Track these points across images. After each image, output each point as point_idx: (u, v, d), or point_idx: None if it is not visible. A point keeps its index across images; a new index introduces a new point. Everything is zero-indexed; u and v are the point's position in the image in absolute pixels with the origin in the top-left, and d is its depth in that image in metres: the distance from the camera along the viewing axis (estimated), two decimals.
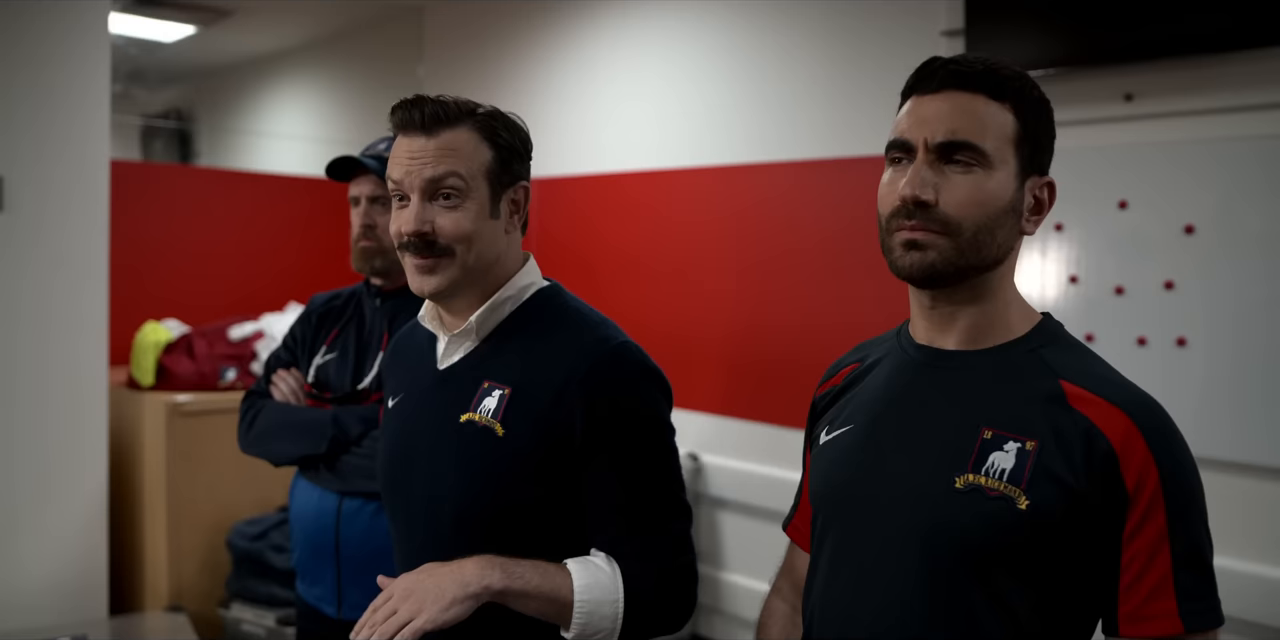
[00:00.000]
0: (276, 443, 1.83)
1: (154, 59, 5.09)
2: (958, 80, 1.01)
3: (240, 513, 3.19)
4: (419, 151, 1.22)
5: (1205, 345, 2.42)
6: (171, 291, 3.69)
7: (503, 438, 1.21)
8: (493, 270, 1.27)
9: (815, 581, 1.12)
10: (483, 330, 1.28)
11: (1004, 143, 1.01)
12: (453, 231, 1.21)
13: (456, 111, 1.23)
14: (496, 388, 1.23)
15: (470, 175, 1.22)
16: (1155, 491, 0.93)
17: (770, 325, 3.34)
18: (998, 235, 1.01)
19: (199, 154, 6.02)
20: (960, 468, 0.99)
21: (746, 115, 3.43)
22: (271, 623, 2.91)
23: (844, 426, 1.12)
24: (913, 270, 1.01)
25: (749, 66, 3.42)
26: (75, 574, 2.86)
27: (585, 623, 1.15)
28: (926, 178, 1.00)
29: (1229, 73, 2.38)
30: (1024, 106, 1.03)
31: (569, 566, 1.18)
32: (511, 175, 1.27)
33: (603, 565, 1.19)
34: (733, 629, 3.46)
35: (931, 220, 0.99)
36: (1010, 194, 1.02)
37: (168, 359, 3.16)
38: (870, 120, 3.04)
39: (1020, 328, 1.06)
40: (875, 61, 3.05)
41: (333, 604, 1.80)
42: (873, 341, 1.21)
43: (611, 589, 1.17)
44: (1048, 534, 0.96)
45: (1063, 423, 0.97)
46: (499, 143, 1.25)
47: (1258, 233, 2.35)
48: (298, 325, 1.96)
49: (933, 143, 1.00)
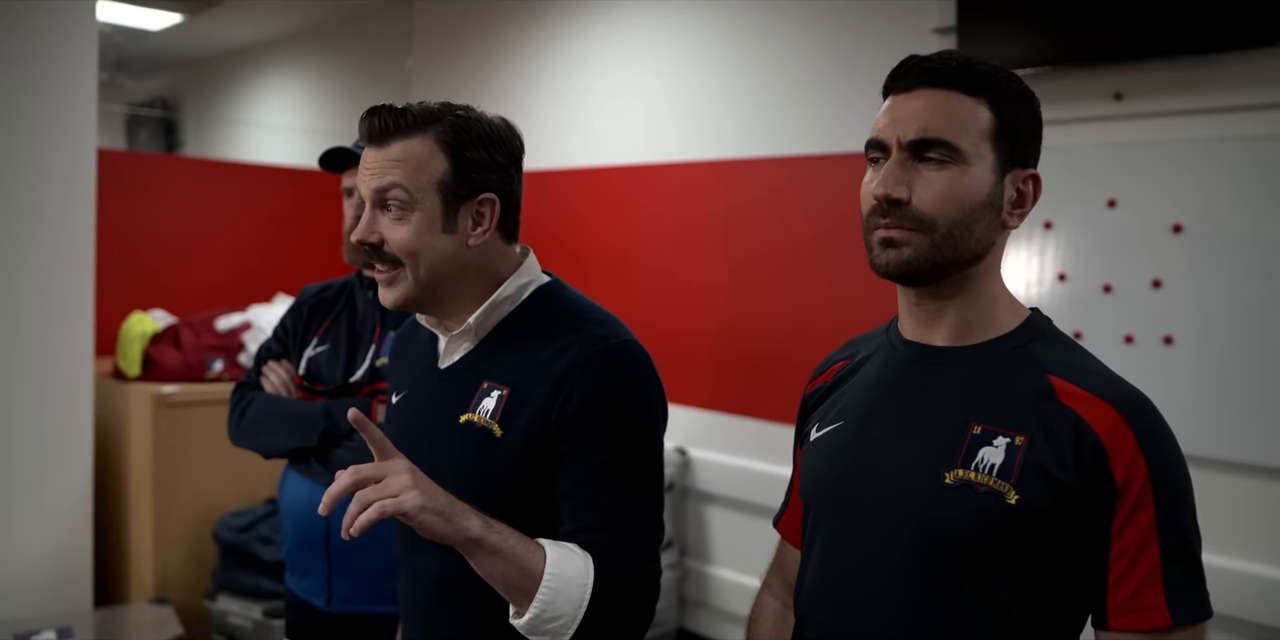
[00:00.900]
0: (267, 435, 1.82)
1: (140, 47, 5.05)
2: (931, 78, 1.03)
3: (226, 505, 3.18)
4: (369, 162, 1.20)
5: (1193, 343, 2.44)
6: (158, 282, 3.67)
7: (500, 439, 1.19)
8: (472, 282, 1.24)
9: (806, 577, 1.12)
10: (481, 331, 1.26)
11: (979, 138, 1.02)
12: (396, 243, 1.19)
13: (411, 121, 1.19)
14: (495, 388, 1.22)
15: (416, 187, 1.18)
16: (1144, 485, 0.94)
17: (760, 320, 3.35)
18: (975, 230, 1.02)
19: (184, 143, 5.99)
20: (950, 463, 1.00)
21: (737, 110, 3.43)
22: (258, 615, 2.90)
23: (834, 423, 1.12)
24: (889, 268, 1.03)
25: (740, 61, 3.42)
26: (60, 565, 2.84)
27: (549, 601, 1.09)
28: (899, 176, 1.01)
29: (1218, 73, 2.39)
30: (1001, 101, 1.03)
31: (543, 542, 1.13)
32: (472, 186, 1.21)
33: (577, 550, 1.15)
34: (719, 623, 3.47)
35: (905, 218, 1.01)
36: (987, 189, 1.02)
37: (154, 350, 3.14)
38: (861, 116, 3.02)
39: (1009, 323, 1.07)
40: (867, 58, 3.05)
41: (323, 597, 1.80)
42: (862, 338, 1.22)
43: (583, 572, 1.11)
44: (1037, 528, 0.96)
45: (1052, 418, 0.98)
46: (459, 154, 1.20)
47: (1245, 232, 2.37)
48: (288, 317, 1.95)
49: (905, 141, 1.02)
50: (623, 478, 1.19)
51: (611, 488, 1.18)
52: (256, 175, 4.08)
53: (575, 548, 1.15)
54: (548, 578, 1.09)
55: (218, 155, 5.44)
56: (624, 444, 1.19)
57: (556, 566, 1.10)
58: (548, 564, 1.10)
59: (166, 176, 3.81)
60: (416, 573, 1.33)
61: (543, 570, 1.09)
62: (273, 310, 3.41)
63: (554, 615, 1.10)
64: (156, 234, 3.69)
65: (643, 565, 1.18)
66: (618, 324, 1.26)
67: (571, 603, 1.10)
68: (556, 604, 1.09)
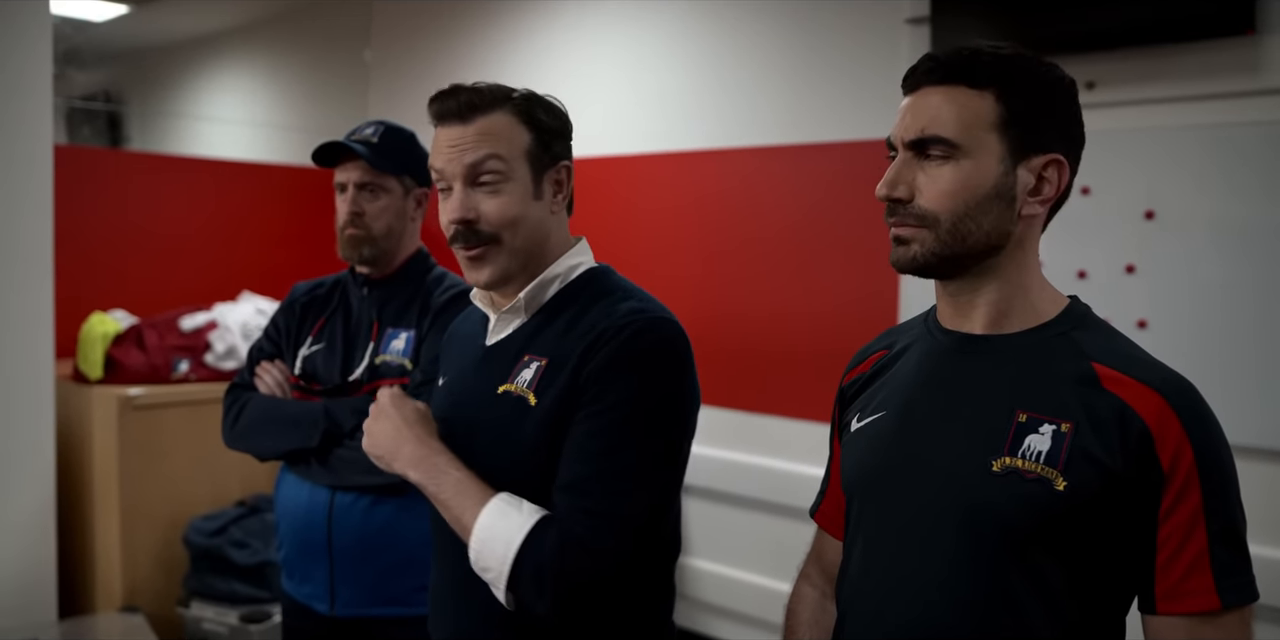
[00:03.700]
0: (265, 437, 1.77)
1: (84, 39, 4.89)
2: (933, 76, 1.05)
3: (196, 508, 3.11)
4: (457, 139, 1.23)
5: (1165, 327, 2.49)
6: (116, 281, 3.55)
7: (534, 406, 1.20)
8: (541, 251, 1.27)
9: (851, 566, 1.12)
10: (530, 307, 1.27)
11: (982, 130, 1.03)
12: (497, 217, 1.22)
13: (491, 97, 1.24)
14: (535, 360, 1.23)
15: (510, 157, 1.23)
16: (1190, 470, 0.95)
17: (732, 311, 3.35)
18: (983, 222, 1.03)
19: (129, 138, 5.82)
20: (997, 451, 1.00)
21: (707, 101, 3.42)
22: (234, 621, 2.84)
23: (876, 413, 1.12)
24: (900, 264, 1.07)
25: (710, 52, 3.41)
26: (22, 575, 2.75)
27: (477, 551, 1.15)
28: (902, 176, 1.05)
29: (1190, 62, 2.44)
30: (1010, 90, 1.04)
31: (491, 501, 1.16)
32: (552, 155, 1.27)
33: (524, 510, 1.15)
34: (697, 614, 3.47)
35: (909, 215, 1.05)
36: (993, 180, 1.03)
37: (117, 351, 3.05)
38: (832, 107, 3.06)
39: (1048, 311, 1.08)
40: (838, 49, 3.06)
41: (325, 601, 1.75)
42: (900, 327, 1.22)
43: (516, 529, 1.13)
44: (1084, 514, 0.97)
45: (1097, 404, 0.99)
46: (537, 124, 1.26)
47: (1216, 218, 2.42)
48: (280, 315, 1.90)
49: (906, 141, 1.05)
50: (620, 444, 1.15)
51: (605, 450, 1.15)
52: (214, 170, 3.97)
53: (525, 506, 1.16)
54: (476, 529, 1.15)
55: (166, 150, 5.29)
56: (634, 412, 1.15)
57: (487, 518, 1.15)
58: (480, 516, 1.15)
59: (121, 172, 3.69)
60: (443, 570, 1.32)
61: (475, 522, 1.16)
62: (239, 309, 3.33)
63: (484, 566, 1.15)
64: (113, 232, 3.57)
65: (598, 539, 1.12)
66: (660, 304, 1.27)
67: (495, 557, 1.14)
68: (484, 555, 1.15)
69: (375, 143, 1.78)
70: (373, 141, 1.78)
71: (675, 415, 1.20)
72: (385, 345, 1.77)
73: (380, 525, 1.72)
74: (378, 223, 1.78)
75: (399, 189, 1.82)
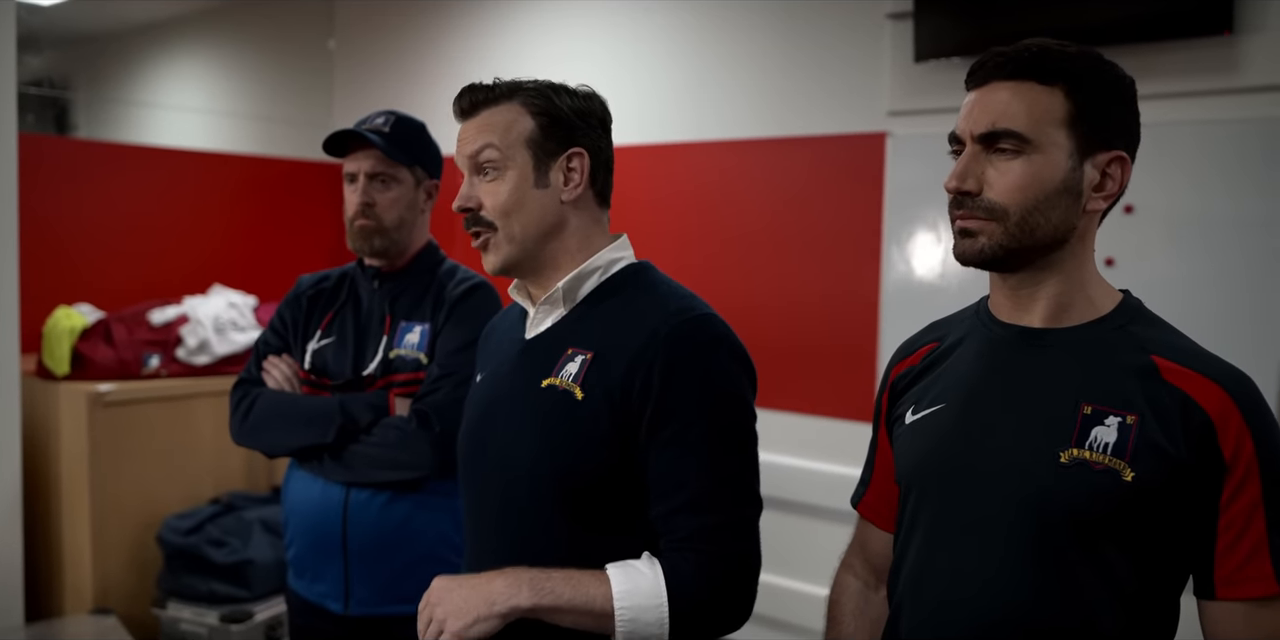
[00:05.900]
0: (278, 432, 1.72)
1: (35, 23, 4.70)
2: (1003, 71, 1.06)
3: (169, 507, 3.04)
4: (463, 133, 1.27)
5: None
6: (81, 274, 3.43)
7: (581, 401, 1.19)
8: (556, 239, 1.27)
9: (909, 555, 1.13)
10: (569, 298, 1.27)
11: (1052, 125, 1.04)
12: (491, 203, 1.24)
13: (498, 91, 1.27)
14: (579, 353, 1.22)
15: (506, 145, 1.24)
16: (1250, 459, 0.98)
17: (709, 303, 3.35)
18: (1051, 216, 1.05)
19: (76, 126, 5.62)
20: (1064, 443, 1.02)
21: (684, 94, 3.42)
22: (214, 621, 2.78)
23: (934, 405, 1.13)
24: (966, 256, 1.08)
25: (690, 45, 3.40)
26: None
27: (630, 631, 1.12)
28: (971, 169, 1.06)
29: (1170, 60, 2.50)
30: (1079, 86, 1.05)
31: (608, 572, 1.15)
32: (560, 141, 1.26)
33: (644, 569, 1.15)
34: None
35: (977, 208, 1.06)
36: (1062, 175, 1.05)
37: (84, 346, 2.96)
38: (813, 100, 3.07)
39: (1105, 305, 1.10)
40: (819, 43, 3.07)
41: (339, 600, 1.72)
42: (947, 320, 1.23)
43: (654, 594, 1.12)
44: (1150, 503, 1.00)
45: (1159, 396, 1.01)
46: (546, 111, 1.26)
47: (1195, 212, 2.49)
48: (286, 309, 1.85)
49: (975, 134, 1.06)
50: (712, 453, 1.18)
51: (702, 465, 1.17)
52: (177, 160, 3.84)
53: (643, 564, 1.16)
54: (619, 612, 1.11)
55: (118, 138, 5.13)
56: (711, 417, 1.18)
57: (625, 599, 1.12)
58: (615, 598, 1.12)
59: (79, 161, 3.56)
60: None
61: (611, 607, 1.11)
62: (210, 302, 3.25)
63: (642, 636, 1.13)
64: (76, 223, 3.45)
65: (732, 546, 1.17)
66: (701, 301, 1.28)
67: (652, 625, 1.12)
68: (638, 631, 1.12)
69: (388, 132, 1.74)
70: (385, 131, 1.74)
71: (743, 404, 1.23)
72: (399, 339, 1.74)
73: (398, 522, 1.69)
74: (389, 214, 1.75)
75: (410, 180, 1.79)
